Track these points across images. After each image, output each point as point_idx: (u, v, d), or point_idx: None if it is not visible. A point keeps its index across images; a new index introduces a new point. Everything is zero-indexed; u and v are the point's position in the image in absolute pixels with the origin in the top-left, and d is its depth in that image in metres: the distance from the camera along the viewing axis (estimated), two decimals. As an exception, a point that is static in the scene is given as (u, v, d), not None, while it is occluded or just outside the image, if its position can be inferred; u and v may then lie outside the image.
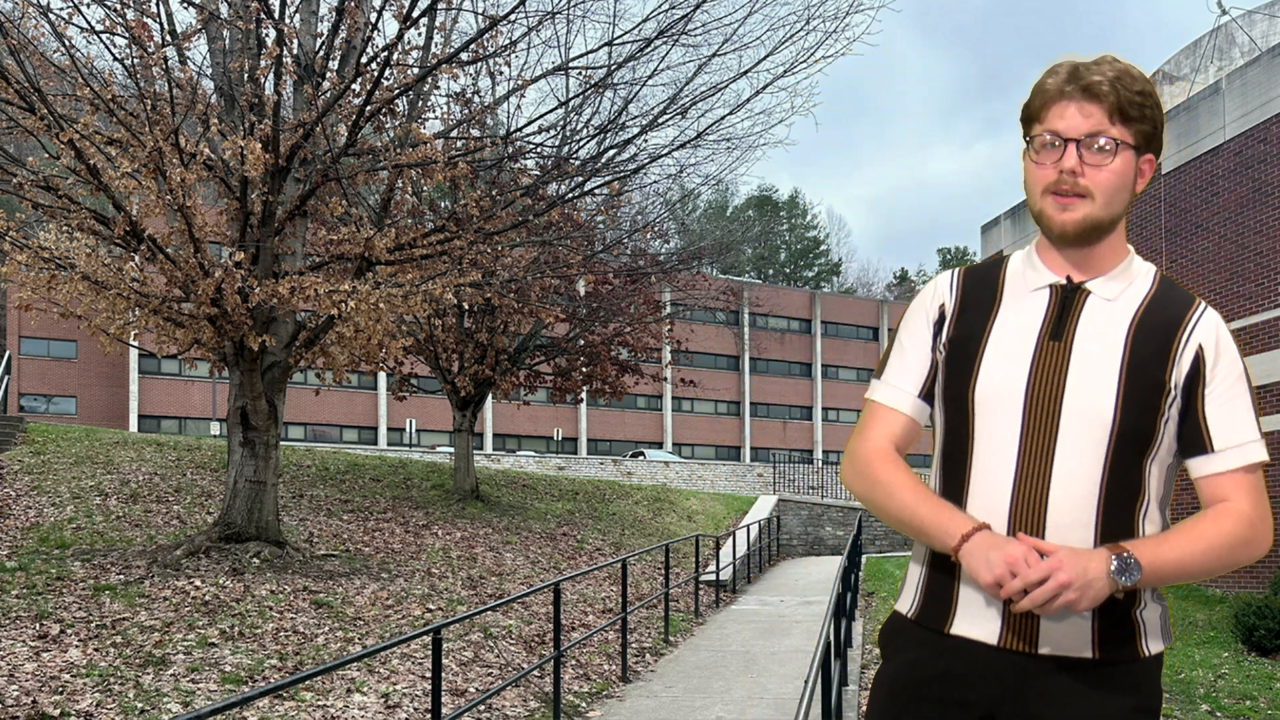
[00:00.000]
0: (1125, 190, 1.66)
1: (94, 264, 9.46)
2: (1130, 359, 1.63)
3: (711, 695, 7.77)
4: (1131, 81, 1.63)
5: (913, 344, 1.79)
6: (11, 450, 15.17)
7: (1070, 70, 1.64)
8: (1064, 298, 1.70)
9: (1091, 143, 1.62)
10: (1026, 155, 1.69)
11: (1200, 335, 1.65)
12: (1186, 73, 19.76)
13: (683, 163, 18.67)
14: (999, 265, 1.80)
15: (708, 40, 13.48)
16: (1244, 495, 1.63)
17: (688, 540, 16.51)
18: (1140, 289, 1.70)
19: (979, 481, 1.67)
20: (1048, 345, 1.67)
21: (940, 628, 1.69)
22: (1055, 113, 1.64)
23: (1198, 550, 1.59)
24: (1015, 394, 1.65)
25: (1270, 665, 10.58)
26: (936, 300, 1.80)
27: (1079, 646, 1.62)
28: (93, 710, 5.73)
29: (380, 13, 9.54)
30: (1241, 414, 1.65)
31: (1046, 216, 1.66)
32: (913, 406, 1.78)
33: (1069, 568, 1.50)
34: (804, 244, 77.64)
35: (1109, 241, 1.70)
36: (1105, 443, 1.61)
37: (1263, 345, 14.33)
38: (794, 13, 37.24)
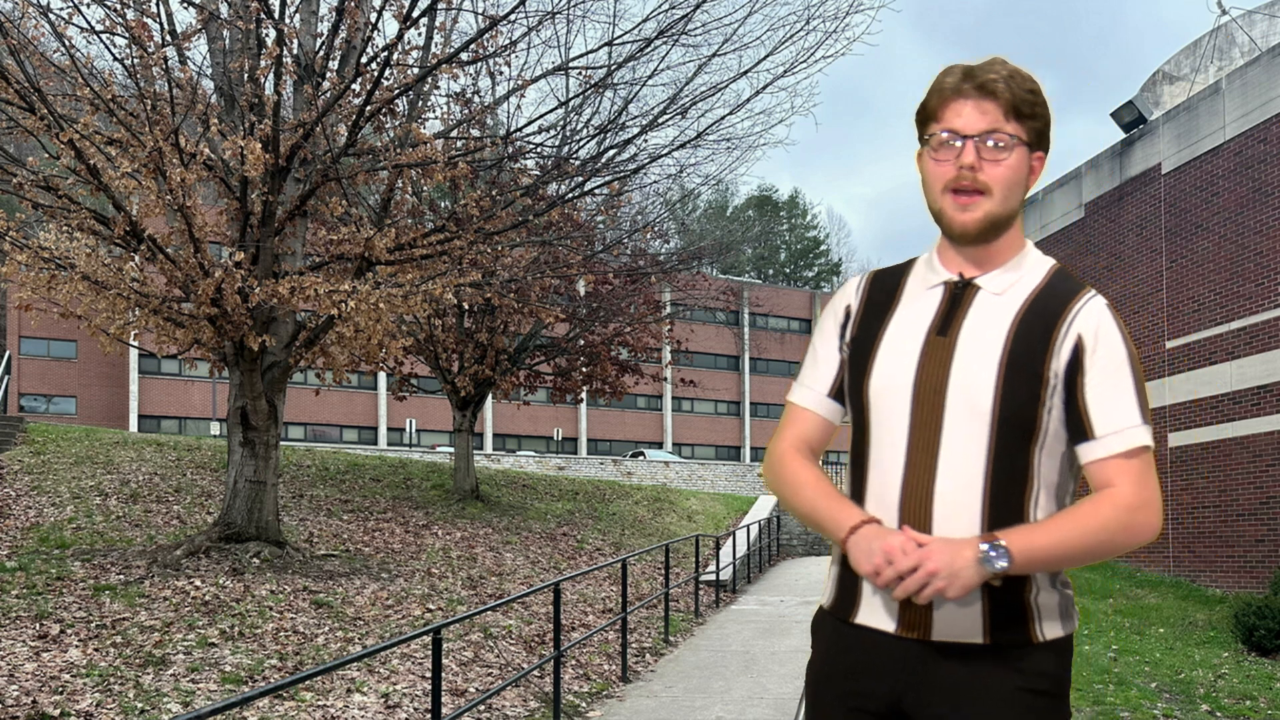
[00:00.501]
0: (1020, 186, 1.71)
1: (94, 264, 9.46)
2: (1011, 350, 1.67)
3: (711, 695, 7.78)
4: (1023, 80, 1.69)
5: (822, 346, 1.88)
6: (11, 450, 15.17)
7: (965, 70, 1.70)
8: (954, 294, 1.75)
9: (988, 139, 1.67)
10: (924, 155, 1.74)
11: (1081, 324, 1.68)
12: (1186, 73, 19.75)
13: (683, 163, 18.67)
14: (905, 267, 1.87)
15: (708, 40, 13.49)
16: (1127, 480, 1.64)
17: (688, 540, 16.51)
18: (1030, 282, 1.74)
19: (874, 475, 1.73)
20: (935, 340, 1.72)
21: (847, 618, 1.76)
22: (952, 111, 1.69)
23: (1073, 536, 1.61)
24: (903, 389, 1.71)
25: (1270, 665, 10.58)
26: (843, 302, 1.88)
27: (970, 632, 1.66)
28: (93, 710, 5.73)
29: (380, 13, 9.54)
30: (1123, 400, 1.66)
31: (946, 216, 1.71)
32: (824, 406, 1.86)
33: (937, 556, 1.56)
34: (804, 244, 77.63)
35: (1005, 238, 1.75)
36: (987, 433, 1.65)
37: (1263, 345, 14.33)
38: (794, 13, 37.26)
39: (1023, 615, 1.67)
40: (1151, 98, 19.63)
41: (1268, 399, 14.20)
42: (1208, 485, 15.35)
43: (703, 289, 23.85)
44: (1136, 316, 17.17)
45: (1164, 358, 16.40)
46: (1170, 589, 15.11)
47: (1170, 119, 16.62)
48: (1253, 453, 14.49)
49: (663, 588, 11.65)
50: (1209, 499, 15.30)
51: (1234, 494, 14.80)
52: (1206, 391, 15.39)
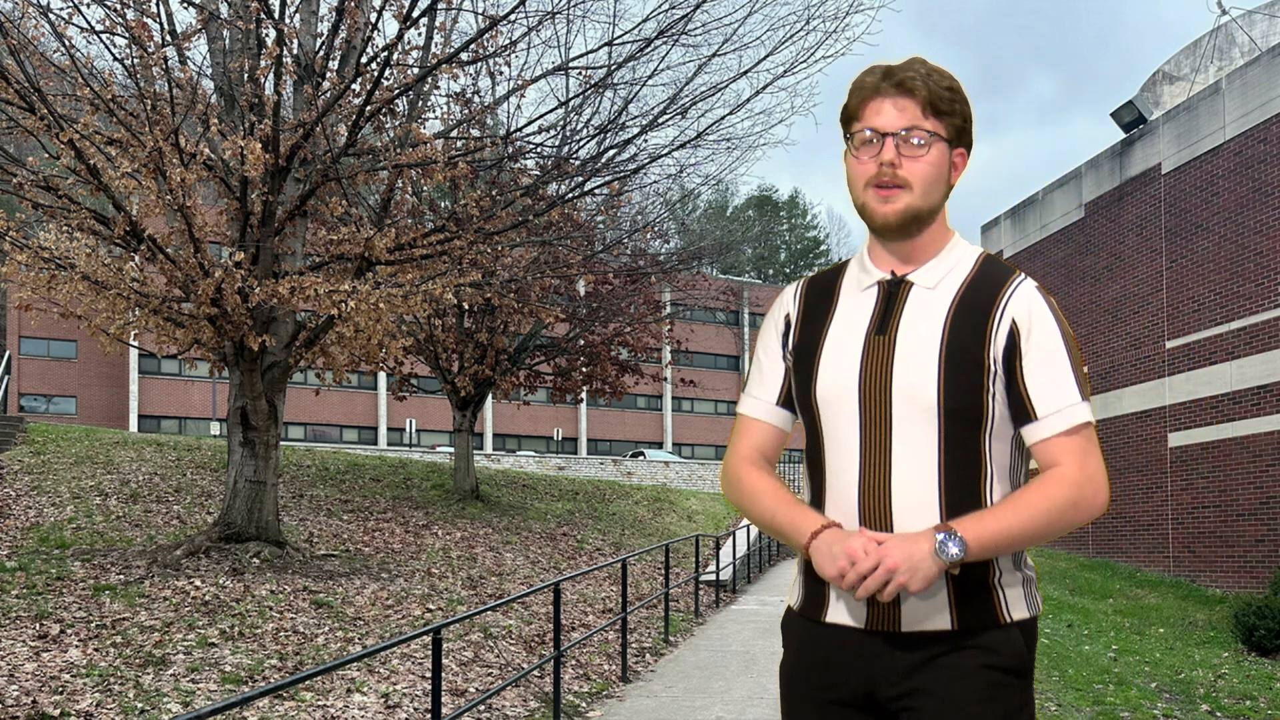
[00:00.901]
0: (941, 181, 1.74)
1: (94, 264, 9.46)
2: (949, 341, 1.70)
3: (711, 695, 7.78)
4: (941, 78, 1.72)
5: (766, 355, 1.90)
6: (11, 450, 15.17)
7: (884, 70, 1.73)
8: (889, 292, 1.78)
9: (907, 136, 1.70)
10: (847, 154, 1.77)
11: (1014, 309, 1.70)
12: (1186, 73, 19.76)
13: (683, 163, 18.69)
14: (839, 270, 1.90)
15: (708, 40, 13.49)
16: (1071, 458, 1.67)
17: (688, 540, 16.51)
18: (961, 272, 1.77)
19: (831, 479, 1.75)
20: (875, 340, 1.75)
21: (817, 616, 1.79)
22: (872, 109, 1.72)
23: (1024, 518, 1.64)
24: (849, 390, 1.74)
25: (1270, 665, 10.58)
26: (782, 311, 1.90)
27: (938, 619, 1.69)
28: (93, 710, 5.73)
29: (380, 13, 9.54)
30: (1060, 379, 1.69)
31: (870, 209, 1.74)
32: (773, 414, 1.89)
33: (894, 553, 1.58)
34: (804, 244, 77.63)
35: (930, 231, 1.77)
36: (936, 426, 1.68)
37: (1263, 345, 14.33)
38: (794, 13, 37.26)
39: (988, 598, 1.70)
40: (1151, 98, 19.63)
41: (1268, 399, 14.20)
42: (1208, 485, 15.35)
43: (703, 289, 23.86)
44: (1136, 316, 17.17)
45: (1164, 358, 16.40)
46: (1170, 589, 15.11)
47: (1170, 119, 16.62)
48: (1253, 453, 14.49)
49: (663, 588, 11.65)
50: (1209, 499, 15.30)
51: (1234, 494, 14.80)
52: (1206, 391, 15.39)
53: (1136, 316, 17.11)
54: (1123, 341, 17.54)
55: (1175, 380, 16.11)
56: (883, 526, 1.68)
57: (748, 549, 17.60)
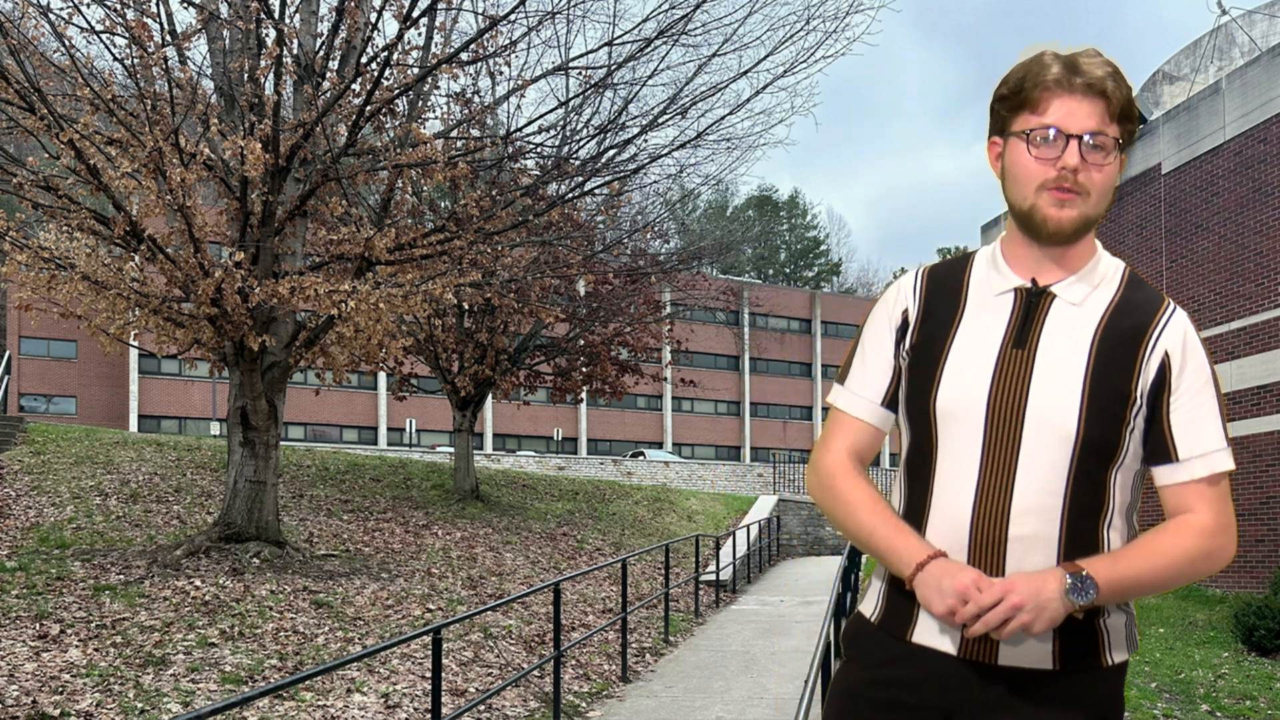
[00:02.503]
0: (1113, 189, 1.63)
1: (94, 264, 9.46)
2: (1095, 367, 1.58)
3: (711, 695, 7.77)
4: (1124, 80, 1.61)
5: (875, 349, 1.75)
6: (11, 450, 15.17)
7: (1068, 62, 1.59)
8: (1029, 302, 1.65)
9: (1093, 141, 1.58)
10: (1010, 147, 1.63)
11: (1167, 341, 1.60)
12: (1186, 73, 19.76)
13: (683, 163, 18.67)
14: (963, 266, 1.75)
15: (708, 40, 13.48)
16: (1207, 506, 1.59)
17: (688, 540, 16.51)
18: (1107, 291, 1.65)
19: (941, 494, 1.63)
20: (1011, 354, 1.62)
21: (902, 635, 1.67)
22: (1058, 105, 1.58)
23: (1156, 566, 1.56)
24: (977, 405, 1.61)
25: (1270, 665, 10.58)
26: (900, 305, 1.75)
27: (1039, 658, 1.59)
28: (93, 710, 5.73)
29: (380, 13, 9.54)
30: (1208, 422, 1.59)
31: (1041, 213, 1.60)
32: (875, 415, 1.75)
33: (1021, 589, 1.48)
34: (804, 244, 77.61)
35: (1084, 240, 1.66)
36: (1069, 454, 1.57)
37: (1263, 345, 14.33)
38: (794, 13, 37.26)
39: (1094, 640, 1.61)
40: (1151, 98, 19.63)
41: (1268, 399, 14.20)
42: (1208, 485, 15.34)
43: (703, 289, 23.84)
44: (1136, 316, 17.17)
45: (1164, 358, 16.40)
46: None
47: (1170, 119, 16.62)
48: (1253, 453, 14.49)
49: (663, 588, 11.64)
50: (1209, 499, 15.29)
51: (1234, 494, 14.76)
52: (1206, 391, 15.39)
53: (1136, 316, 17.12)
54: (1123, 341, 17.52)
55: (1175, 380, 16.11)
56: (995, 553, 1.57)
57: (748, 549, 17.60)
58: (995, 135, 1.67)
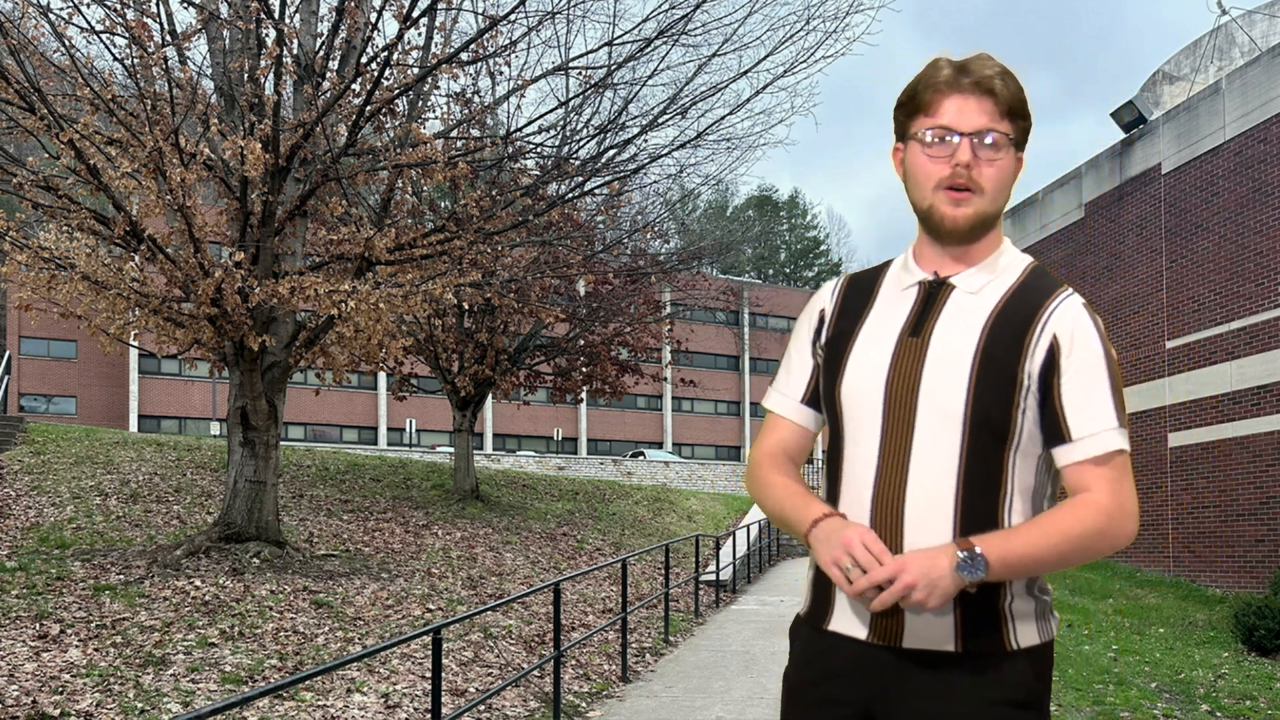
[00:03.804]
0: (1009, 186, 1.69)
1: (94, 264, 9.46)
2: (984, 351, 1.63)
3: (711, 695, 7.77)
4: (1014, 79, 1.67)
5: (797, 351, 1.85)
6: (11, 450, 15.17)
7: (959, 65, 1.66)
8: (928, 294, 1.72)
9: (983, 138, 1.64)
10: (908, 150, 1.70)
11: (1055, 324, 1.64)
12: (1186, 73, 19.75)
13: (683, 163, 18.69)
14: (882, 269, 1.84)
15: (708, 40, 13.49)
16: (1103, 485, 1.62)
17: (688, 540, 16.51)
18: (1006, 281, 1.71)
19: (849, 480, 1.70)
20: (907, 342, 1.69)
21: (821, 624, 1.74)
22: (948, 107, 1.65)
23: (1050, 543, 1.58)
24: (875, 391, 1.68)
25: (1270, 665, 10.58)
26: (818, 306, 1.85)
27: (942, 639, 1.63)
28: (93, 710, 5.73)
29: (380, 13, 9.53)
30: (1099, 402, 1.62)
31: (938, 212, 1.67)
32: (798, 412, 1.84)
33: (913, 568, 1.52)
34: (804, 244, 77.62)
35: (988, 236, 1.72)
36: (960, 436, 1.62)
37: (1263, 345, 14.33)
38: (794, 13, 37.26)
39: (996, 623, 1.64)
40: (1151, 98, 19.63)
41: (1268, 399, 14.20)
42: (1208, 485, 15.34)
43: (703, 289, 23.84)
44: (1136, 316, 17.17)
45: (1164, 358, 16.40)
46: (1170, 589, 15.11)
47: (1170, 119, 16.62)
48: (1253, 453, 14.49)
49: (663, 588, 11.64)
50: (1209, 499, 15.30)
51: (1234, 494, 14.80)
52: (1206, 391, 15.39)
53: (1136, 316, 17.11)
54: (1123, 341, 17.54)
55: (1175, 380, 16.11)
56: (894, 534, 1.62)
57: (748, 549, 17.60)
58: (898, 141, 1.74)
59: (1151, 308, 16.78)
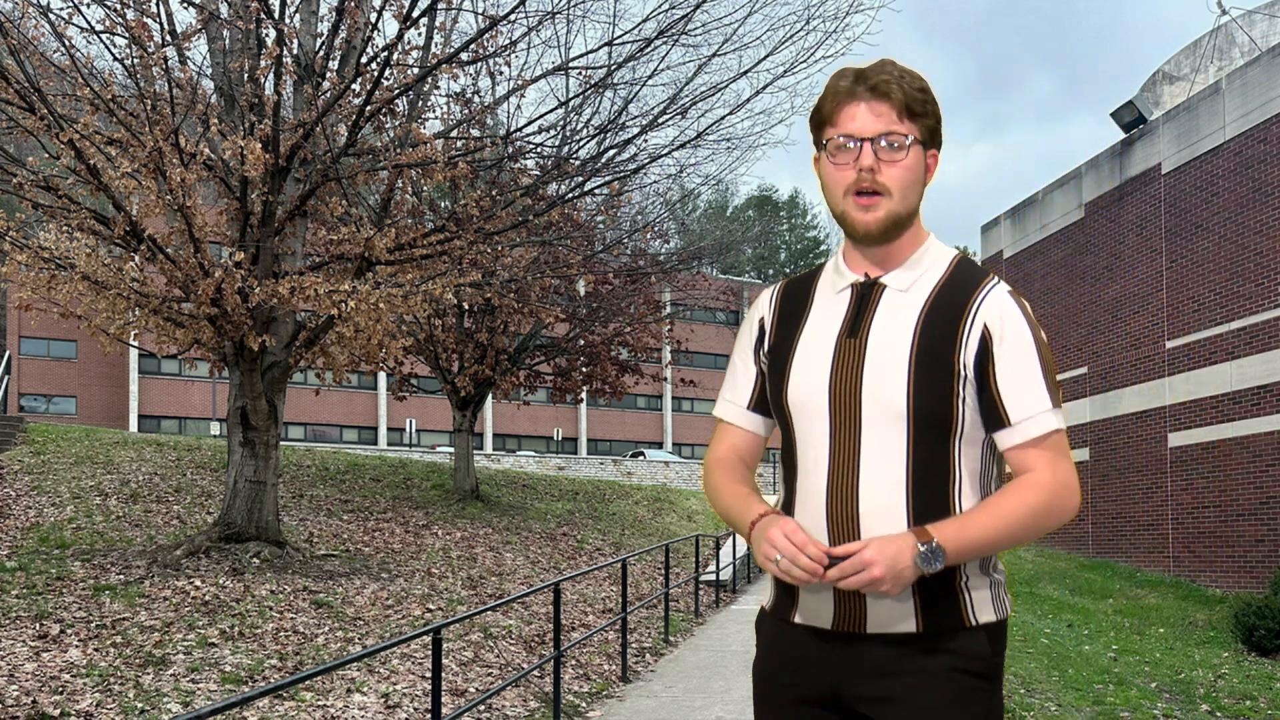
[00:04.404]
0: (918, 183, 1.74)
1: (94, 264, 9.46)
2: (919, 345, 1.69)
3: (711, 695, 7.77)
4: (913, 80, 1.72)
5: (740, 359, 1.92)
6: (11, 450, 15.17)
7: (856, 74, 1.72)
8: (861, 295, 1.77)
9: (884, 140, 1.69)
10: (821, 160, 1.75)
11: (985, 313, 1.70)
12: (1186, 73, 19.75)
13: (683, 163, 18.70)
14: (814, 274, 1.89)
15: (708, 40, 13.51)
16: (1044, 464, 1.69)
17: (688, 540, 16.51)
18: (934, 275, 1.76)
19: (804, 481, 1.76)
20: (846, 343, 1.75)
21: (787, 616, 1.81)
22: (847, 114, 1.71)
23: (1002, 525, 1.66)
24: (819, 394, 1.74)
25: (1270, 665, 10.58)
26: (757, 315, 1.91)
27: (903, 622, 1.70)
28: (93, 710, 5.73)
29: (380, 13, 9.53)
30: (1033, 386, 1.69)
31: (850, 218, 1.73)
32: (744, 418, 1.91)
33: (881, 563, 1.58)
34: (804, 244, 77.63)
35: (907, 235, 1.77)
36: (905, 431, 1.68)
37: (1263, 345, 14.33)
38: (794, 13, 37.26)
39: (954, 602, 1.71)
40: (1151, 98, 19.63)
41: (1268, 399, 14.20)
42: (1208, 485, 15.34)
43: (703, 289, 23.86)
44: (1136, 316, 17.17)
45: (1164, 358, 16.40)
46: (1170, 589, 15.11)
47: (1170, 119, 16.62)
48: (1253, 453, 14.49)
49: (663, 588, 11.65)
50: (1209, 499, 15.30)
51: (1234, 494, 14.80)
52: (1206, 391, 15.39)
53: (1136, 316, 17.11)
54: (1123, 341, 17.54)
55: (1175, 380, 16.11)
56: (850, 530, 1.68)
57: (748, 549, 17.58)
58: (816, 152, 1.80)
59: (1151, 308, 16.78)
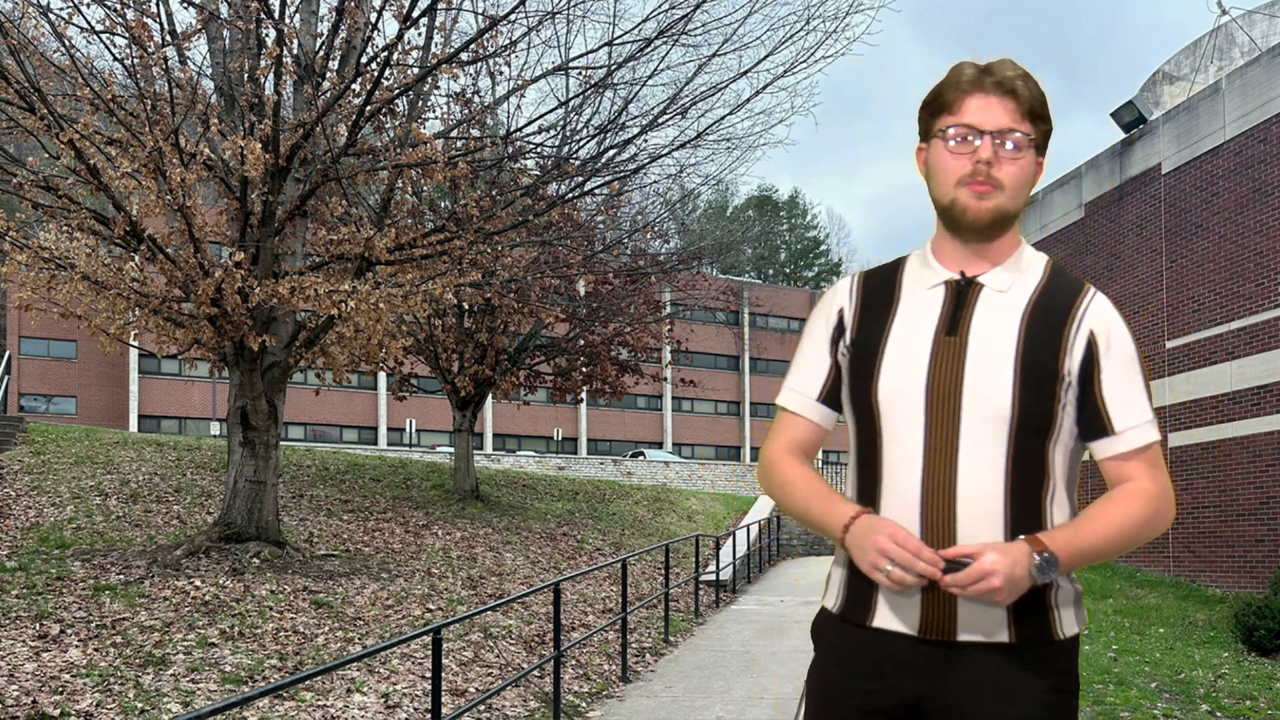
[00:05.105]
0: (1028, 186, 1.72)
1: (94, 264, 9.46)
2: (1024, 349, 1.68)
3: (711, 695, 7.77)
4: (1036, 83, 1.71)
5: (813, 349, 1.86)
6: (11, 450, 15.17)
7: (983, 67, 1.70)
8: (958, 292, 1.74)
9: (1005, 137, 1.67)
10: (933, 148, 1.73)
11: (1091, 321, 1.70)
12: (1186, 73, 19.75)
13: (683, 163, 18.67)
14: (896, 267, 1.85)
15: (708, 40, 13.48)
16: (1146, 474, 1.70)
17: (688, 540, 16.51)
18: (1032, 279, 1.75)
19: (890, 479, 1.71)
20: (944, 341, 1.71)
21: (863, 621, 1.75)
22: (971, 106, 1.69)
23: (1111, 535, 1.65)
24: (916, 392, 1.70)
25: (1270, 665, 10.57)
26: (836, 305, 1.85)
27: (996, 631, 1.67)
28: (93, 710, 5.73)
29: (380, 13, 9.54)
30: (1137, 396, 1.70)
31: (960, 205, 1.70)
32: (813, 410, 1.85)
33: (1001, 572, 1.55)
34: (804, 244, 77.63)
35: (1008, 235, 1.75)
36: (1006, 432, 1.66)
37: (1263, 345, 14.33)
38: (794, 13, 37.25)
39: (1044, 613, 1.69)
40: (1151, 98, 19.62)
41: (1268, 399, 14.20)
42: (1208, 485, 15.34)
43: (703, 289, 23.84)
44: (1136, 316, 17.16)
45: (1164, 358, 16.40)
46: (1170, 589, 15.11)
47: (1170, 119, 16.62)
48: (1253, 453, 14.49)
49: (663, 588, 11.64)
50: (1209, 499, 15.30)
51: (1234, 494, 14.80)
52: (1206, 391, 15.39)
53: (1136, 316, 17.11)
54: (1123, 341, 17.51)
55: (1175, 380, 16.11)
56: (946, 533, 1.65)
57: (748, 549, 17.60)
58: (921, 141, 1.78)
59: (1151, 308, 16.78)
